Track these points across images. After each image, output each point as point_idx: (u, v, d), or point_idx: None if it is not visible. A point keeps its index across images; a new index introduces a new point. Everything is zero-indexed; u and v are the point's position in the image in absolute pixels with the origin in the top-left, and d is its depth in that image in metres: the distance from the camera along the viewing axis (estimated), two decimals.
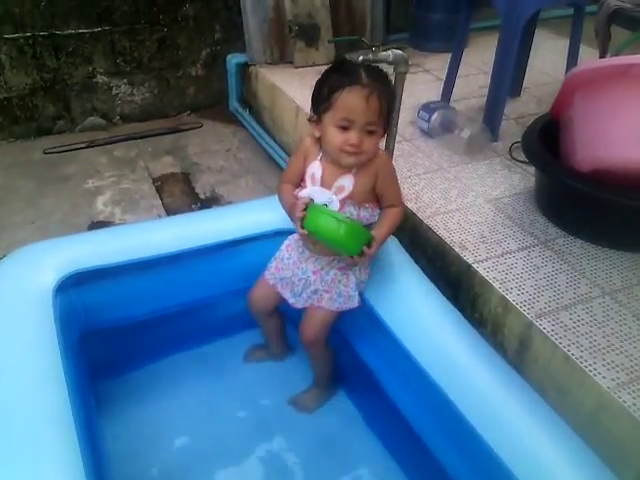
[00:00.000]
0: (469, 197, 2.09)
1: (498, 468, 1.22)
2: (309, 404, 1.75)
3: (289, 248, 1.60)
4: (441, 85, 2.81)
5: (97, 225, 2.53)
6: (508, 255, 1.80)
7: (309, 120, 1.42)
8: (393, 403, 1.56)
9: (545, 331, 1.52)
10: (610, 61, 1.59)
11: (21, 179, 2.84)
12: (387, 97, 1.33)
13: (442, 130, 2.46)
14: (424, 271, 1.85)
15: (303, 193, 1.45)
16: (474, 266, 1.75)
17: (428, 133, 2.49)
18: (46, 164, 2.99)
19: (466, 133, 2.34)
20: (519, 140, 2.36)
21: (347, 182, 1.42)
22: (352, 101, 1.29)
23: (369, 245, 1.39)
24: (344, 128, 1.32)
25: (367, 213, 1.47)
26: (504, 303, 1.65)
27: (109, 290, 1.68)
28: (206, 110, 3.58)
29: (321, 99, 1.35)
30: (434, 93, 2.84)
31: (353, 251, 1.39)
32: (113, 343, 1.73)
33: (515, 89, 2.87)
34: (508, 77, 2.40)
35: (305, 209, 1.38)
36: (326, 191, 1.43)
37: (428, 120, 2.46)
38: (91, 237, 1.82)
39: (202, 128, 3.43)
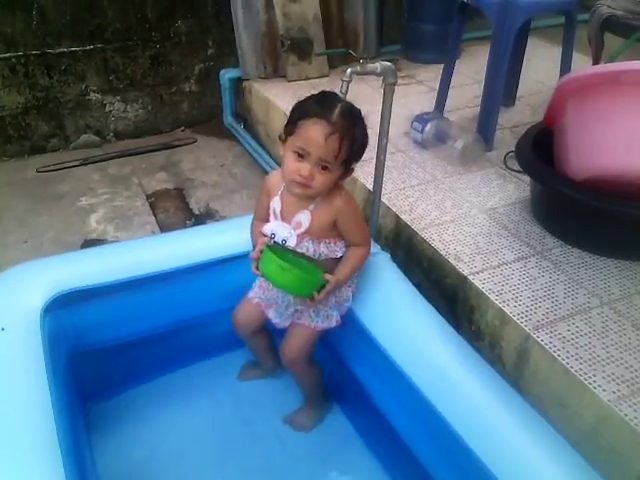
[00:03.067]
0: (464, 208, 2.07)
1: None
2: (305, 423, 1.71)
3: None
4: (434, 96, 2.80)
5: (90, 243, 2.51)
6: (504, 266, 1.77)
7: (279, 138, 1.40)
8: (388, 420, 1.53)
9: (543, 343, 1.49)
10: (600, 68, 1.57)
11: (14, 198, 2.82)
12: (351, 141, 1.30)
13: (436, 141, 2.44)
14: (420, 283, 1.83)
15: (267, 228, 1.46)
16: (470, 278, 1.73)
17: (422, 144, 2.48)
18: (39, 183, 2.97)
19: (460, 144, 2.32)
20: (514, 149, 2.35)
21: (304, 218, 1.42)
22: (313, 133, 1.27)
23: (320, 290, 1.39)
24: (300, 156, 1.30)
25: (327, 249, 1.46)
26: (501, 315, 1.62)
27: (98, 310, 1.65)
28: (200, 125, 3.57)
29: (291, 121, 1.33)
30: (427, 104, 2.82)
31: (301, 296, 1.43)
32: (104, 364, 1.69)
33: (509, 98, 2.86)
34: (500, 86, 2.39)
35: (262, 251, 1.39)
36: (286, 226, 1.44)
37: (422, 131, 2.45)
38: (79, 256, 1.79)
39: (196, 144, 3.42)
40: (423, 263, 1.93)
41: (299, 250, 1.45)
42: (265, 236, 1.46)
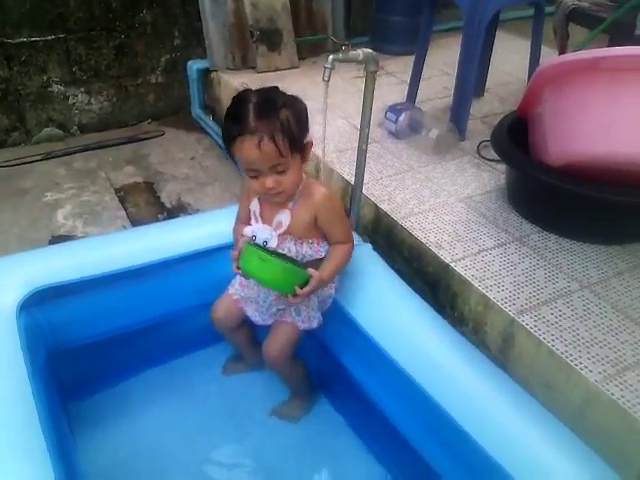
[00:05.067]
0: (442, 197, 2.08)
1: (487, 464, 1.20)
2: (293, 414, 1.70)
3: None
4: (404, 87, 2.81)
5: (58, 239, 2.43)
6: (485, 253, 1.79)
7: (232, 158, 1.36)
8: (375, 406, 1.52)
9: (528, 327, 1.51)
10: (579, 55, 1.59)
11: None
12: (284, 130, 1.24)
13: (410, 131, 2.45)
14: (401, 272, 1.83)
15: (247, 230, 1.44)
16: (452, 265, 1.74)
17: (396, 134, 2.48)
18: (1, 178, 2.86)
19: (434, 133, 2.34)
20: (486, 139, 2.38)
21: (284, 218, 1.40)
22: (246, 153, 1.24)
23: (303, 286, 1.35)
24: (254, 175, 1.29)
25: (310, 249, 1.44)
26: (484, 301, 1.63)
27: (75, 307, 1.60)
28: (167, 118, 3.50)
29: (226, 148, 1.31)
30: (399, 95, 2.83)
31: (283, 291, 1.37)
32: (82, 362, 1.64)
33: (478, 89, 2.89)
34: (473, 77, 2.41)
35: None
36: (267, 227, 1.42)
37: (395, 121, 2.45)
38: (52, 252, 1.72)
39: (164, 136, 3.35)
40: (404, 252, 1.93)
41: (280, 251, 1.43)
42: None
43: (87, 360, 1.64)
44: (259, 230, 1.43)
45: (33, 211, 2.62)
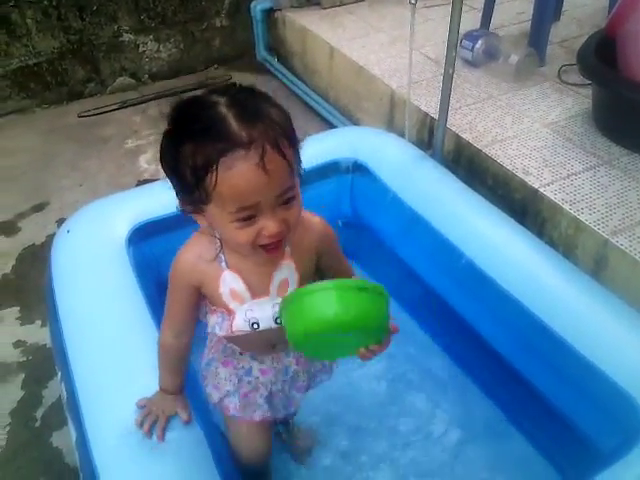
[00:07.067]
0: (525, 123, 2.04)
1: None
2: (309, 444, 1.52)
3: (228, 365, 1.14)
4: (475, 15, 2.73)
5: (144, 183, 2.53)
6: (574, 177, 1.77)
7: (182, 212, 0.90)
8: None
9: (623, 247, 1.51)
10: None
11: (61, 144, 2.84)
12: (287, 135, 0.82)
13: (486, 58, 2.39)
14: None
15: (238, 322, 0.98)
16: (541, 190, 1.73)
17: (472, 62, 2.43)
18: (82, 127, 2.98)
19: (514, 59, 2.28)
20: (567, 63, 2.31)
21: (287, 272, 0.98)
22: (243, 180, 0.78)
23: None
24: (247, 219, 0.83)
25: None
26: (576, 224, 1.63)
27: (176, 241, 1.69)
28: (233, 62, 3.53)
29: (186, 185, 0.84)
30: (470, 23, 2.74)
31: (382, 333, 0.87)
32: None
33: (555, 13, 2.76)
34: None
35: None
36: (265, 300, 0.98)
37: (472, 49, 2.39)
38: (150, 190, 1.81)
39: (231, 80, 3.37)
40: (488, 180, 1.92)
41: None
42: (236, 335, 1.00)
43: None
44: (256, 311, 0.98)
45: (117, 157, 2.73)
